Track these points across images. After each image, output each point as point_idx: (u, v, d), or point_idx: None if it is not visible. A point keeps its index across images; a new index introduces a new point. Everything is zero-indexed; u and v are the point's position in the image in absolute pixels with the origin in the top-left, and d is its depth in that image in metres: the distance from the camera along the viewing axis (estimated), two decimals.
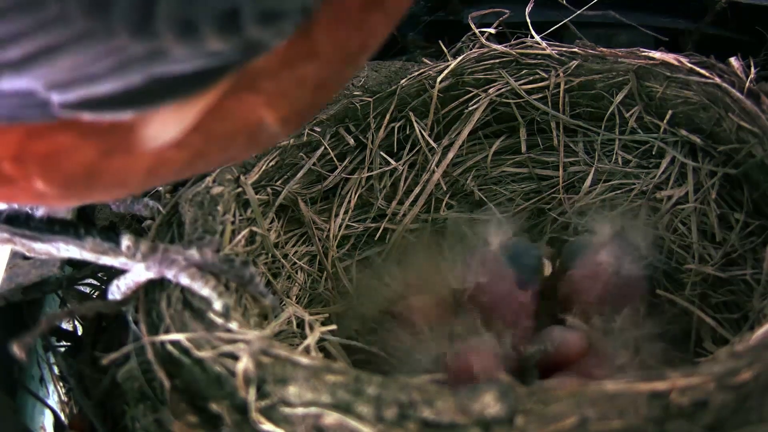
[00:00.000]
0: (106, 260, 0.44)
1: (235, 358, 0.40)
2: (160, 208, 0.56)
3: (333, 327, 0.52)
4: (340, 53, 0.31)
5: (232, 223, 0.56)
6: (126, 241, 0.44)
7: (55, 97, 0.29)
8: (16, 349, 0.40)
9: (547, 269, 0.65)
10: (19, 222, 0.43)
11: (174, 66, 0.28)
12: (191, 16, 0.27)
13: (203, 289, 0.44)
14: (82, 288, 0.61)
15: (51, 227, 0.43)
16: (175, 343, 0.42)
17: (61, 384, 0.57)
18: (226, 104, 0.30)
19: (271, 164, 0.65)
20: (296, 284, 0.67)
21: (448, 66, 0.73)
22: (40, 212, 0.44)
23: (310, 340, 0.48)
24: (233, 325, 0.42)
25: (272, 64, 0.29)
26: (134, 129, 0.31)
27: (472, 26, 0.76)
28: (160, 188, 0.66)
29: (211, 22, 0.27)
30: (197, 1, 0.27)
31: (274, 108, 0.32)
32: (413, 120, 0.73)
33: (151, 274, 0.45)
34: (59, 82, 0.28)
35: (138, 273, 0.45)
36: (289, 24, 0.28)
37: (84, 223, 0.45)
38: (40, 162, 0.32)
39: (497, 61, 0.74)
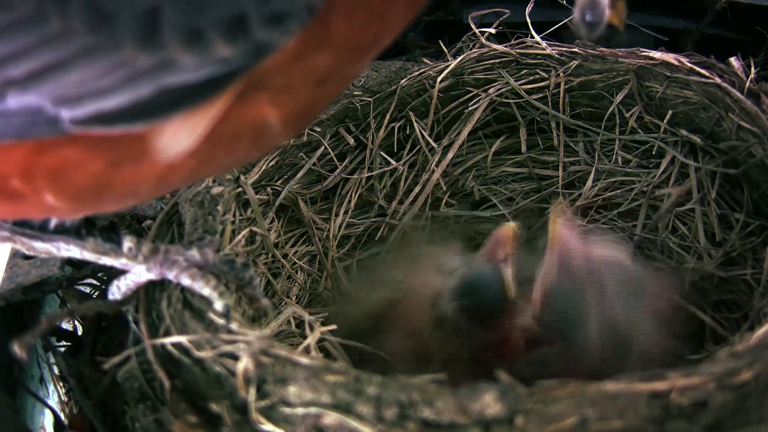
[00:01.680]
0: (107, 261, 0.44)
1: (235, 358, 0.40)
2: (163, 206, 0.56)
3: (333, 327, 0.52)
4: (353, 42, 0.31)
5: (232, 223, 0.56)
6: (128, 243, 0.44)
7: (65, 114, 0.29)
8: (17, 349, 0.40)
9: (511, 290, 0.55)
10: (20, 220, 0.43)
11: (183, 75, 0.28)
12: (197, 25, 0.27)
13: (204, 289, 0.44)
14: (82, 288, 0.61)
15: (52, 226, 0.43)
16: (176, 344, 0.42)
17: (61, 384, 0.57)
18: (232, 107, 0.30)
19: (271, 164, 0.65)
20: (296, 284, 0.67)
21: (448, 66, 0.73)
22: (53, 223, 0.44)
23: (311, 339, 0.48)
24: (233, 326, 0.42)
25: (278, 62, 0.29)
26: (145, 140, 0.31)
27: (472, 26, 0.76)
28: None
29: (218, 29, 0.27)
30: (203, 10, 0.27)
31: (278, 106, 0.32)
32: (413, 120, 0.73)
33: (152, 275, 0.45)
34: (67, 97, 0.28)
35: (139, 274, 0.45)
36: (295, 23, 0.27)
37: (85, 223, 0.45)
38: (48, 177, 0.32)
39: (497, 61, 0.74)
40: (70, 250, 0.43)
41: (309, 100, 0.33)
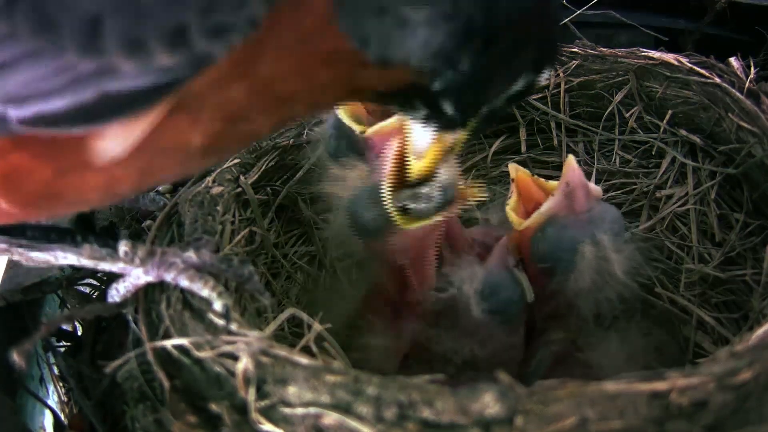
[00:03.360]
0: (105, 266, 0.44)
1: (234, 358, 0.40)
2: (167, 201, 0.56)
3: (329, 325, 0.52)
4: (271, 88, 0.31)
5: (232, 223, 0.56)
6: (123, 247, 0.44)
7: (12, 112, 0.29)
8: (16, 357, 0.40)
9: (530, 295, 0.56)
10: (15, 231, 0.43)
11: (125, 82, 0.28)
12: (139, 34, 0.27)
13: (203, 290, 0.44)
14: (81, 288, 0.61)
15: (47, 235, 0.43)
16: (175, 344, 0.42)
17: (61, 384, 0.57)
18: (165, 122, 0.31)
19: (271, 164, 0.65)
20: (296, 284, 0.67)
21: None
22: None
23: (309, 337, 0.48)
24: (233, 326, 0.42)
25: (207, 82, 0.30)
26: (86, 145, 0.31)
27: None
28: (160, 188, 0.66)
29: (160, 38, 0.27)
30: (144, 19, 0.27)
31: (200, 132, 0.32)
32: None
33: (149, 278, 0.45)
34: (14, 97, 0.29)
35: (137, 277, 0.45)
36: (237, 36, 0.28)
37: (81, 229, 0.45)
38: (0, 183, 0.33)
39: None
40: (67, 258, 0.44)
41: (220, 133, 0.33)
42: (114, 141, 0.31)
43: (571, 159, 0.55)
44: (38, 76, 0.28)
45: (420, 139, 0.44)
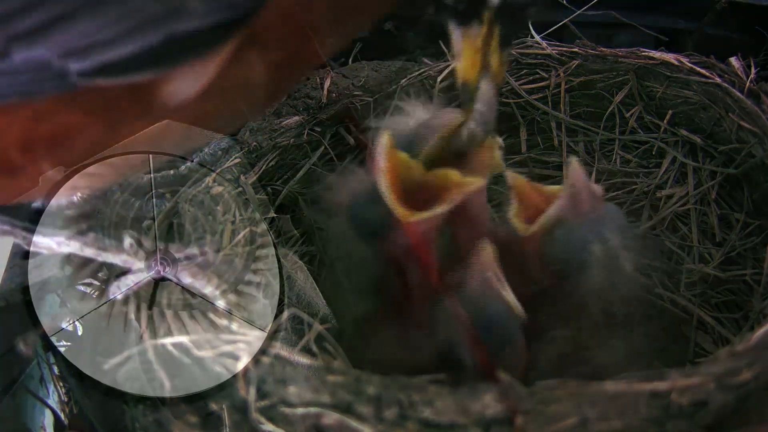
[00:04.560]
0: (107, 257, 0.44)
1: (235, 358, 0.40)
2: (167, 201, 0.56)
3: (329, 325, 0.52)
4: None
5: (232, 223, 0.56)
6: (129, 239, 0.44)
7: (73, 66, 0.28)
8: (22, 346, 0.40)
9: (520, 312, 0.52)
10: (21, 215, 0.43)
11: (193, 21, 0.28)
12: None
13: (205, 288, 0.44)
14: (82, 288, 0.61)
15: (53, 221, 0.43)
16: (176, 343, 0.42)
17: (61, 384, 0.57)
18: (233, 59, 0.30)
19: (271, 164, 0.65)
20: (296, 284, 0.67)
21: (448, 66, 0.73)
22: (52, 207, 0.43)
23: (309, 337, 0.48)
24: (234, 326, 0.42)
25: (274, 12, 0.29)
26: (152, 91, 0.30)
27: None
28: (161, 189, 0.66)
29: None
30: None
31: (270, 64, 0.32)
32: None
33: (152, 274, 0.45)
34: (75, 49, 0.28)
35: (139, 272, 0.45)
36: None
37: (86, 218, 0.45)
38: (48, 145, 0.32)
39: None
40: (70, 245, 0.43)
41: (288, 62, 0.33)
42: (183, 83, 0.30)
43: (574, 161, 0.54)
44: (101, 24, 0.27)
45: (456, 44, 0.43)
